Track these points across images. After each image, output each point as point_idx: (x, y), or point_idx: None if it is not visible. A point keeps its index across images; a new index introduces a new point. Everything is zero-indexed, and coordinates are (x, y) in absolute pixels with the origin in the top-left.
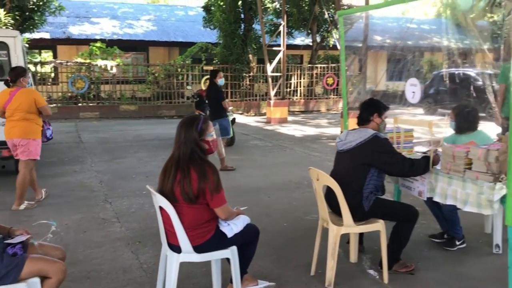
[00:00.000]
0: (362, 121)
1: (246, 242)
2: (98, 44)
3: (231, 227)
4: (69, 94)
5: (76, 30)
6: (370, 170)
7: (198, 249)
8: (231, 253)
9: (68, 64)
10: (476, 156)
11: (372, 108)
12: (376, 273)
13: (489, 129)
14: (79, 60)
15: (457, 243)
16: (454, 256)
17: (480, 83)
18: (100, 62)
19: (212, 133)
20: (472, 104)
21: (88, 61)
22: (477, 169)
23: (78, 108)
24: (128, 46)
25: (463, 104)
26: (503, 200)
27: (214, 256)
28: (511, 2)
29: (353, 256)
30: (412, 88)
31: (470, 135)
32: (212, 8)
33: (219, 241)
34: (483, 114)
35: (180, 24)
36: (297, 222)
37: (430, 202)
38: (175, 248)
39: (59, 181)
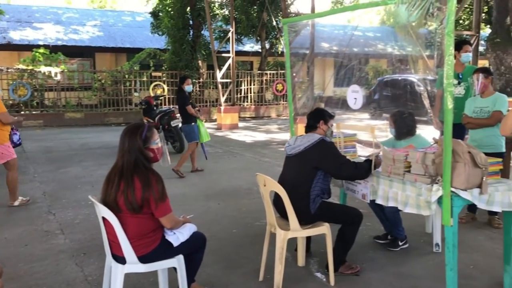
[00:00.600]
0: (310, 128)
1: (193, 250)
2: (41, 50)
3: (177, 236)
4: (11, 102)
5: (17, 36)
6: (317, 173)
7: (143, 259)
8: (178, 262)
9: (9, 70)
10: (414, 159)
11: (318, 116)
12: (323, 276)
13: (429, 133)
14: (21, 66)
15: (400, 243)
16: (397, 256)
17: (421, 88)
18: (43, 69)
19: (157, 140)
20: (409, 110)
21: (30, 67)
22: (416, 172)
23: (21, 116)
24: (73, 52)
25: (400, 110)
26: (440, 201)
27: (160, 266)
28: (442, 12)
29: (301, 260)
30: (354, 95)
31: (409, 139)
32: (160, 14)
33: (165, 251)
34: (425, 119)
35: (127, 29)
36: (246, 228)
37: (373, 204)
38: (120, 259)
39: None
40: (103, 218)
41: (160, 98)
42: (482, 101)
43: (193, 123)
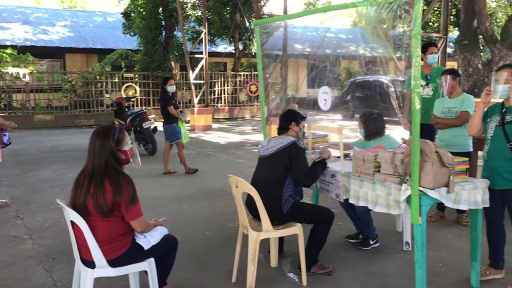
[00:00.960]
0: (282, 129)
1: (164, 253)
2: (8, 51)
3: (148, 239)
4: None
5: None
6: (288, 174)
7: (113, 263)
8: (149, 265)
9: None
10: (383, 159)
11: (289, 118)
12: (296, 276)
13: (399, 133)
14: None
15: (371, 242)
16: (369, 255)
17: (392, 89)
18: (11, 70)
19: (128, 142)
20: (378, 111)
21: None
22: (385, 172)
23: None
24: (42, 53)
25: (369, 111)
26: (408, 200)
27: (131, 270)
28: (410, 15)
29: (274, 261)
30: (324, 96)
31: (378, 139)
32: (132, 14)
33: (136, 254)
34: (395, 119)
35: (98, 30)
36: (220, 230)
37: (345, 204)
38: (89, 263)
39: None
40: (72, 222)
41: (132, 99)
42: (450, 102)
43: (174, 124)
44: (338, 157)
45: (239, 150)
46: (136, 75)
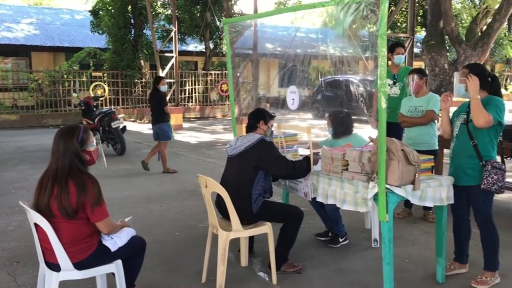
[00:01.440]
0: (250, 128)
1: (132, 255)
2: None
3: (115, 241)
4: None
5: None
6: (258, 172)
7: (79, 265)
8: (116, 267)
9: None
10: (351, 158)
11: (258, 116)
12: (266, 275)
13: (368, 132)
14: None
15: (340, 240)
16: (338, 253)
17: (361, 89)
18: None
19: (93, 142)
20: (346, 110)
21: None
22: (353, 170)
23: None
24: (7, 51)
25: (337, 110)
26: (376, 197)
27: (97, 272)
28: (376, 15)
29: (244, 260)
30: (292, 95)
31: (346, 138)
32: (100, 12)
33: (102, 256)
34: (364, 118)
35: (66, 28)
36: (189, 230)
37: (314, 202)
38: (54, 266)
39: None
40: (36, 225)
41: (101, 98)
42: (417, 101)
43: (168, 122)
44: (305, 155)
45: (210, 149)
46: (105, 74)
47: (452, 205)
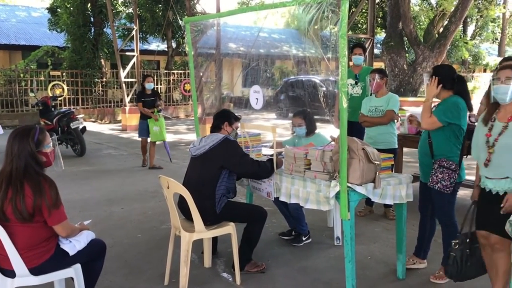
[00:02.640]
0: (214, 128)
1: (91, 258)
2: None
3: (73, 244)
4: None
5: None
6: (221, 172)
7: (36, 271)
8: (75, 271)
9: None
10: (313, 157)
11: (223, 117)
12: (229, 276)
13: (330, 131)
14: None
15: (304, 238)
16: (301, 252)
17: (324, 89)
18: None
19: (50, 144)
20: (308, 109)
21: None
22: (315, 169)
23: None
24: None
25: (305, 109)
26: (338, 196)
27: (55, 277)
28: (336, 15)
29: (207, 261)
30: (256, 95)
31: (310, 138)
32: (59, 10)
33: (60, 260)
34: (327, 118)
35: (22, 26)
36: (152, 232)
37: (278, 201)
38: (8, 272)
39: None
40: None
41: (59, 98)
42: (377, 101)
43: (142, 120)
44: (270, 155)
45: (173, 150)
46: (64, 73)
47: (419, 201)
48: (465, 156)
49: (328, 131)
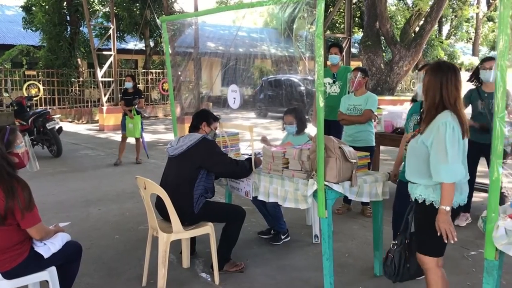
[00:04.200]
0: (192, 128)
1: (67, 261)
2: None
3: (48, 247)
4: None
5: None
6: (199, 172)
7: (8, 275)
8: (49, 274)
9: None
10: (291, 156)
11: (201, 117)
12: (208, 276)
13: (309, 130)
14: None
15: (282, 237)
16: (280, 250)
17: (302, 88)
18: None
19: (21, 144)
20: (299, 107)
21: None
22: (293, 168)
23: None
24: None
25: (296, 108)
26: (315, 194)
27: (29, 280)
28: (313, 15)
29: (186, 262)
30: (233, 94)
31: (300, 136)
32: (33, 8)
33: (34, 263)
34: (306, 117)
35: None
36: (129, 233)
37: (256, 200)
38: None
39: None
40: None
41: (35, 98)
42: (356, 99)
43: (124, 117)
44: (249, 155)
45: (151, 150)
46: (39, 73)
47: (394, 201)
48: None
49: (307, 130)
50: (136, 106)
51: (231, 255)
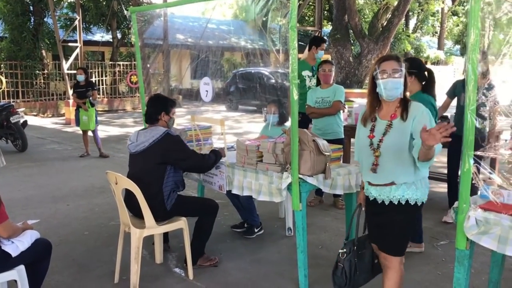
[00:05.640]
0: (151, 119)
1: (36, 259)
2: None
3: (16, 245)
4: None
5: None
6: (166, 168)
7: None
8: (18, 273)
9: None
10: (265, 149)
11: (159, 107)
12: (182, 271)
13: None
14: None
15: (256, 230)
16: (254, 244)
17: (273, 81)
18: None
19: None
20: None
21: None
22: (267, 161)
23: None
24: None
25: (280, 99)
26: (289, 187)
27: None
28: (286, 7)
29: (159, 257)
30: (206, 87)
31: (281, 127)
32: None
33: (2, 263)
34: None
35: None
36: (99, 229)
37: (230, 194)
38: None
39: None
40: None
41: None
42: (323, 92)
43: (76, 110)
44: (222, 148)
45: (120, 144)
46: (2, 65)
47: None
48: None
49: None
50: (90, 98)
51: (204, 249)
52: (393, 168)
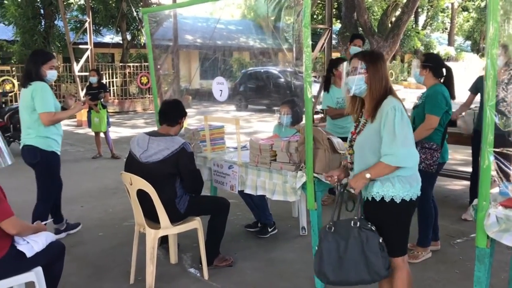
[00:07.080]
0: (170, 121)
1: (50, 260)
2: None
3: (31, 245)
4: None
5: None
6: (176, 176)
7: None
8: (36, 275)
9: None
10: (279, 148)
11: (183, 112)
12: (197, 271)
13: None
14: None
15: (269, 229)
16: (268, 243)
17: (282, 80)
18: None
19: None
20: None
21: None
22: (281, 160)
23: None
24: None
25: (293, 99)
26: (304, 186)
27: (14, 282)
28: (299, 5)
29: (174, 257)
30: (220, 87)
31: (294, 128)
32: (5, 1)
33: (16, 263)
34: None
35: None
36: (114, 230)
37: (243, 193)
38: None
39: None
40: None
41: (10, 94)
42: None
43: (88, 112)
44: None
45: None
46: (14, 68)
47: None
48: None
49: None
50: (102, 100)
51: (219, 249)
52: (366, 165)
